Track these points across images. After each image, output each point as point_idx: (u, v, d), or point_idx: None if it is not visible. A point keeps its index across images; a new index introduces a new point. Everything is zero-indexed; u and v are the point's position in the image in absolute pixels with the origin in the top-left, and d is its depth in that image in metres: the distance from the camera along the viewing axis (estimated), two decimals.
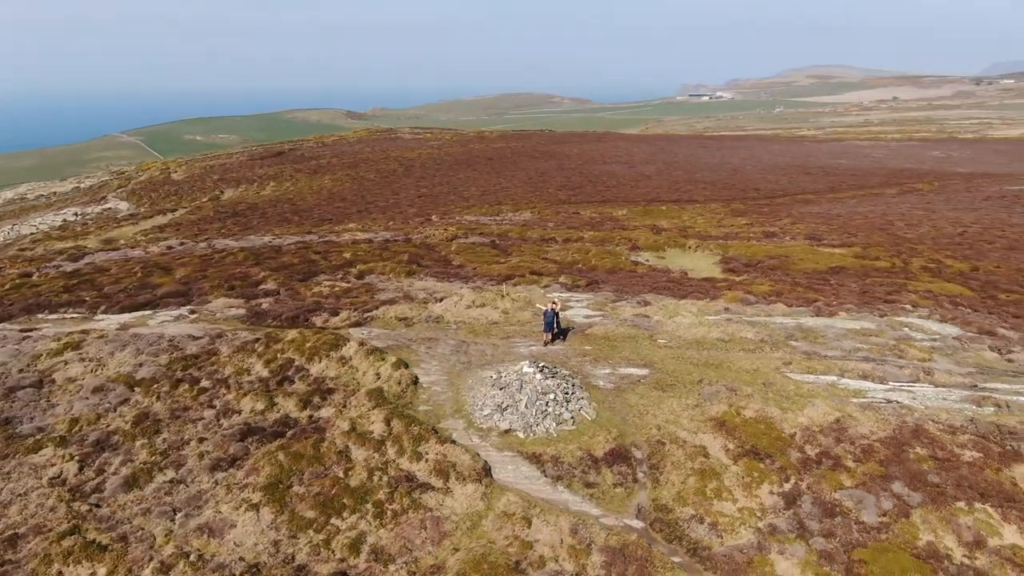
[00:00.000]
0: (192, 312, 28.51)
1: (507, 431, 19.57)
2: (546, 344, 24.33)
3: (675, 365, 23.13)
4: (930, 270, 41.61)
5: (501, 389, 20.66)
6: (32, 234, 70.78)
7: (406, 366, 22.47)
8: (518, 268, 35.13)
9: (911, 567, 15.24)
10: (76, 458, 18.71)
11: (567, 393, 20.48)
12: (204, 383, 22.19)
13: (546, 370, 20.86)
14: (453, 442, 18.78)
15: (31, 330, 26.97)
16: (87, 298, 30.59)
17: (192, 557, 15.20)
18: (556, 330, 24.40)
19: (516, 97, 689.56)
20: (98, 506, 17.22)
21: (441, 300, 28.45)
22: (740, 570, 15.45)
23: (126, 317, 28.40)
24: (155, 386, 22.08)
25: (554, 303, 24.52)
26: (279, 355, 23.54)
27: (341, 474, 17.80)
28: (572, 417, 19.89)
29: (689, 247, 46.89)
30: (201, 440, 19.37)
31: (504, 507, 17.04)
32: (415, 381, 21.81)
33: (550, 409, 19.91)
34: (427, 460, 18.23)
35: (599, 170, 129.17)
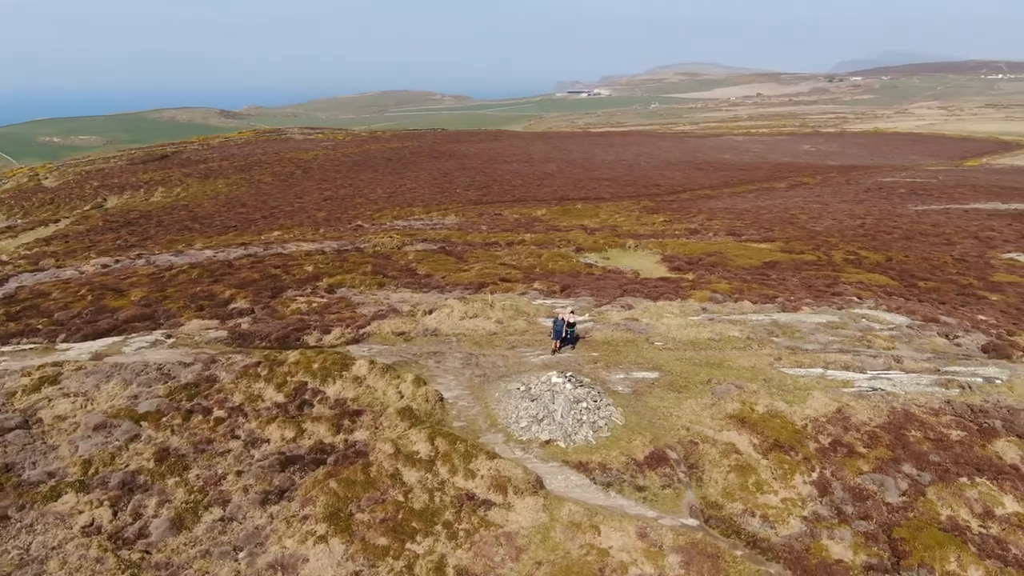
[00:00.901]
0: (168, 337, 27.08)
1: (547, 442, 20.04)
2: (554, 352, 24.92)
3: (681, 366, 24.31)
4: (851, 262, 45.22)
5: (533, 400, 21.08)
6: None
7: (425, 383, 22.44)
8: (486, 276, 35.44)
9: (945, 540, 16.96)
10: (106, 503, 17.61)
11: (596, 400, 21.17)
12: (218, 413, 21.30)
13: (574, 379, 21.47)
14: (501, 457, 19.05)
15: None
16: (39, 326, 28.39)
17: None
18: (568, 338, 25.00)
19: (396, 95, 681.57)
20: (149, 552, 16.35)
21: (431, 312, 28.41)
22: (801, 557, 16.69)
23: (95, 345, 26.61)
24: (164, 419, 20.98)
25: (572, 312, 25.16)
26: (289, 378, 22.88)
27: (401, 498, 17.71)
28: (605, 424, 20.62)
29: (629, 247, 48.62)
30: (239, 473, 18.68)
31: (568, 517, 17.52)
32: (441, 398, 21.83)
33: (585, 417, 20.55)
34: (482, 477, 18.43)
35: (502, 169, 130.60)
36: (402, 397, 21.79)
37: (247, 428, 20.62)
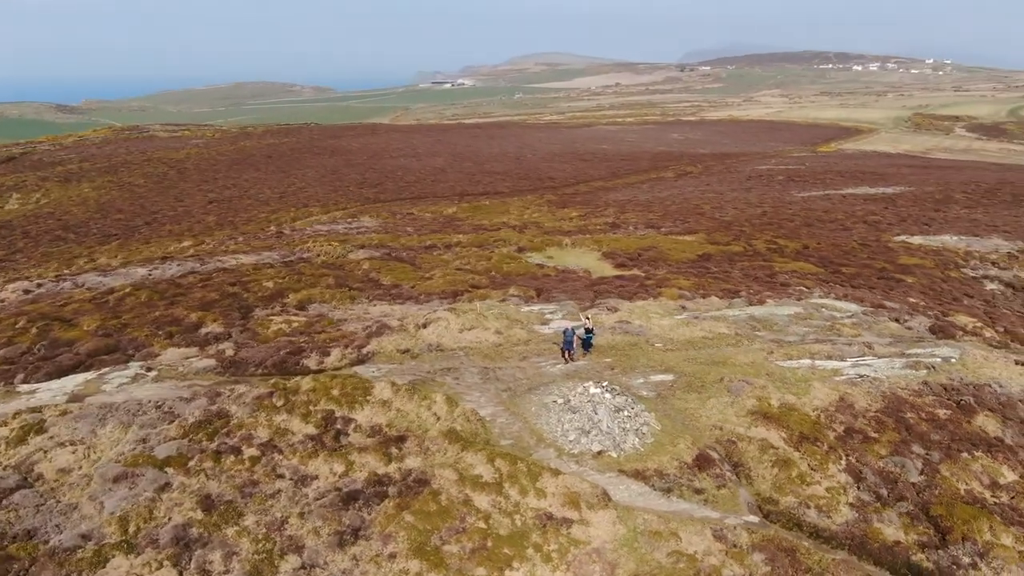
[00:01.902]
0: (148, 369, 25.07)
1: (599, 453, 20.40)
2: (567, 361, 25.22)
3: (690, 367, 25.33)
4: (775, 251, 48.34)
5: (574, 413, 21.36)
6: None
7: (457, 402, 22.16)
8: (454, 283, 35.14)
9: (975, 513, 18.87)
10: (166, 563, 16.30)
11: (633, 407, 21.76)
12: (250, 451, 20.08)
13: (612, 389, 21.93)
14: (564, 473, 19.23)
15: None
16: None
17: None
18: (586, 344, 25.37)
19: (252, 86, 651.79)
20: None
21: (425, 326, 27.92)
22: (863, 542, 18.05)
23: (66, 384, 24.20)
24: (192, 463, 19.56)
25: (588, 318, 25.50)
26: (311, 408, 21.89)
27: (482, 524, 17.53)
28: (647, 430, 21.24)
29: (565, 245, 49.55)
30: (301, 515, 17.77)
31: (644, 526, 18.01)
32: (479, 416, 21.65)
33: (628, 425, 21.08)
34: (552, 495, 18.54)
35: (390, 165, 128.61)
36: (439, 419, 21.43)
37: (289, 465, 19.60)
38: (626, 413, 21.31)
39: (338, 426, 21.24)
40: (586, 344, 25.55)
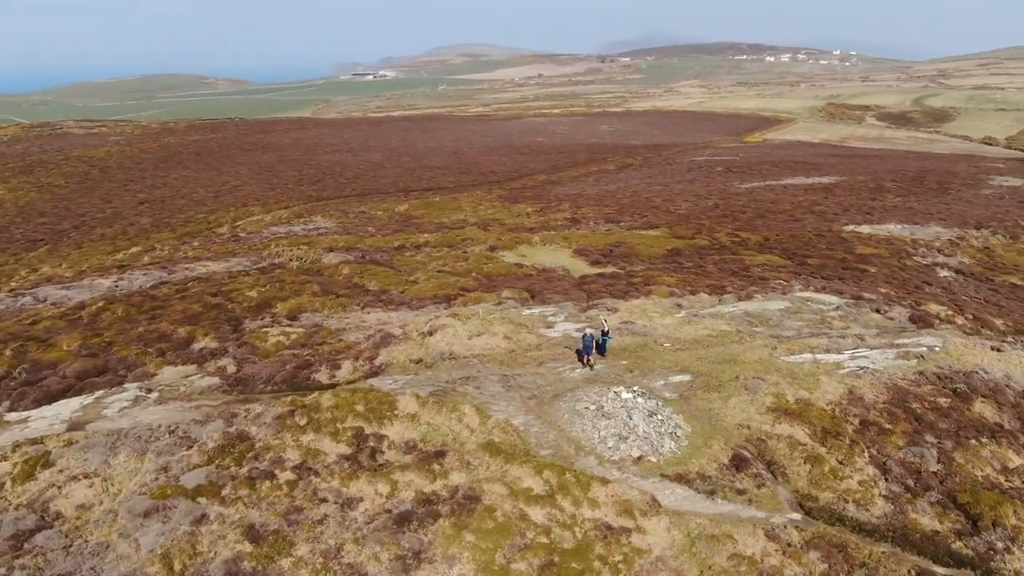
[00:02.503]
0: (148, 391, 23.73)
1: (639, 458, 20.49)
2: (585, 366, 25.17)
3: (704, 366, 25.70)
4: (739, 243, 49.58)
5: (609, 419, 21.37)
6: None
7: (489, 413, 21.85)
8: (442, 286, 34.60)
9: (999, 499, 19.85)
10: None
11: (663, 410, 21.93)
12: (284, 475, 19.27)
13: (644, 393, 22.03)
14: (613, 481, 19.23)
15: None
16: None
17: None
18: (601, 347, 25.37)
19: (163, 79, 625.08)
20: None
21: (432, 334, 27.39)
22: (905, 534, 18.72)
23: (62, 410, 22.66)
24: (227, 492, 18.63)
25: (605, 320, 25.49)
26: (339, 425, 21.18)
27: (544, 539, 17.35)
28: (681, 432, 21.46)
29: (535, 242, 49.52)
30: (357, 541, 17.17)
31: (699, 531, 18.20)
32: (514, 427, 21.40)
33: (663, 429, 21.24)
34: (605, 504, 18.52)
35: (326, 160, 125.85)
36: (473, 431, 21.08)
37: (329, 488, 18.91)
38: (659, 417, 21.47)
39: (371, 443, 20.62)
40: (601, 348, 25.59)
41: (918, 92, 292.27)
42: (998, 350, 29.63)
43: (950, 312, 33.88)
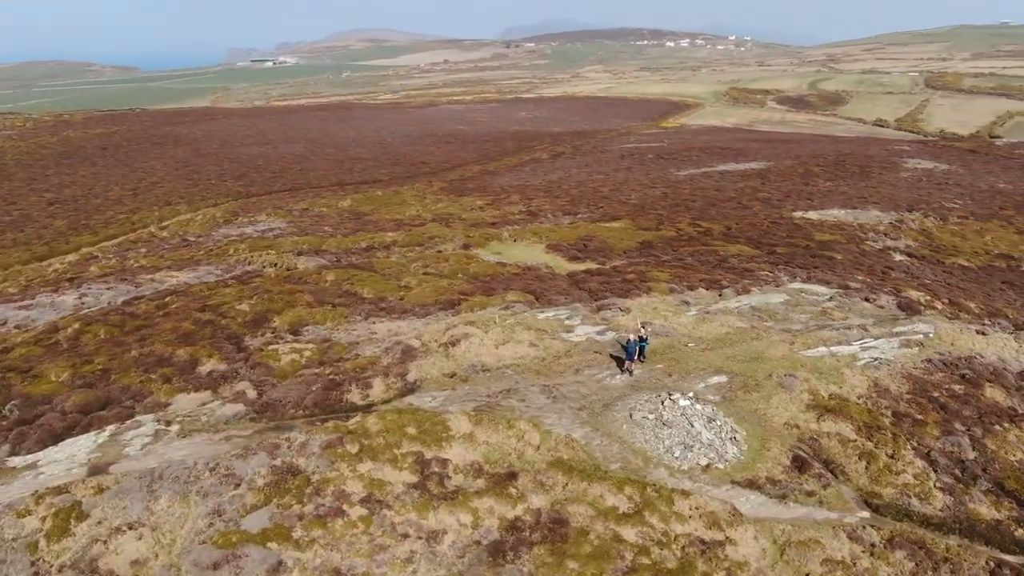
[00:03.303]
0: (168, 424, 21.81)
1: (707, 466, 20.37)
2: (624, 371, 24.81)
3: (736, 365, 25.85)
4: (704, 234, 50.43)
5: (670, 427, 21.15)
6: None
7: (547, 429, 21.22)
8: (439, 290, 33.48)
9: None
10: None
11: (718, 415, 21.90)
12: (354, 511, 18.07)
13: (700, 400, 21.91)
14: (693, 494, 19.03)
15: None
16: None
17: None
18: (640, 352, 25.05)
19: (42, 66, 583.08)
20: None
21: (455, 344, 26.40)
22: (971, 525, 19.37)
23: (75, 452, 20.51)
24: (297, 534, 17.31)
25: (642, 325, 25.16)
26: (396, 451, 20.07)
27: (645, 559, 16.96)
28: (740, 437, 21.49)
29: (506, 239, 48.86)
30: None
31: (784, 538, 18.27)
32: (578, 442, 20.86)
33: (724, 434, 21.21)
34: (691, 517, 18.31)
35: (245, 153, 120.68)
36: (536, 448, 20.43)
37: (407, 521, 17.87)
38: (718, 422, 21.43)
39: (435, 469, 19.64)
40: (634, 356, 25.28)
41: (812, 76, 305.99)
42: (983, 334, 31.22)
43: (928, 297, 35.48)
